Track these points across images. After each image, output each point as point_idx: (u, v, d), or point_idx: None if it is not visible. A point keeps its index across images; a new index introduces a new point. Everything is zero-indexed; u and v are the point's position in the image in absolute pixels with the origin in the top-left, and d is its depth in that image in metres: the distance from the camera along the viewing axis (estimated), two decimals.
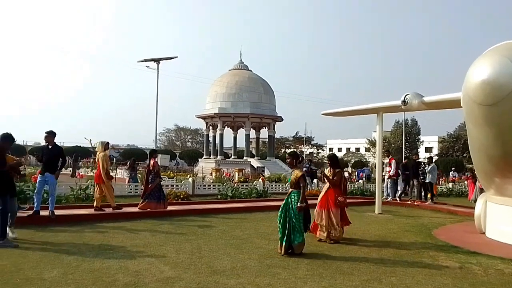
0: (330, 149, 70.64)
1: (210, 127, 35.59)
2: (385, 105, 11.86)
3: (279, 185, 18.43)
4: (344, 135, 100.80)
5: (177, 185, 15.30)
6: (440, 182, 24.92)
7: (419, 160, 16.20)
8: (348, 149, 76.62)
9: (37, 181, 8.41)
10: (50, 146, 8.43)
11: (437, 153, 56.83)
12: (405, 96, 10.40)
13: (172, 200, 12.00)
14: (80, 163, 31.43)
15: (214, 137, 35.57)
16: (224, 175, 20.72)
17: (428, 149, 61.61)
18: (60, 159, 8.52)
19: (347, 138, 79.61)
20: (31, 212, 8.26)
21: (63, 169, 9.43)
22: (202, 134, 57.17)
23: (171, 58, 14.28)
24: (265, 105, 33.72)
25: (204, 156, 37.18)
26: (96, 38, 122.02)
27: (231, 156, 39.10)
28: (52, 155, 8.38)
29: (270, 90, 35.02)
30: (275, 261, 5.79)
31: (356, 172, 29.26)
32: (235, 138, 38.73)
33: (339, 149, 76.13)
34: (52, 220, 8.21)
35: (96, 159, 10.12)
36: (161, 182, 10.94)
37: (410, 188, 15.14)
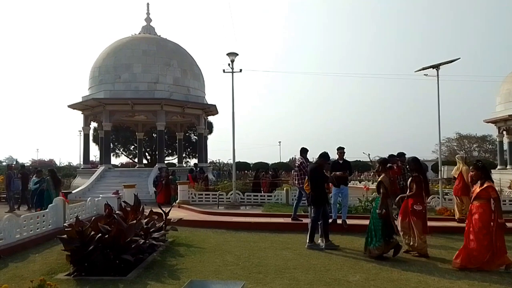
0: None
1: (504, 132, 30.17)
2: None
3: None
4: None
5: None
6: None
7: None
8: None
9: (333, 193, 9.36)
10: (340, 161, 9.33)
11: None
12: None
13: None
14: (362, 176, 33.23)
15: (510, 143, 29.95)
16: None
17: None
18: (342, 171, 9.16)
19: None
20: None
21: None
22: (492, 141, 49.57)
23: (452, 61, 12.92)
24: None
25: (499, 167, 31.70)
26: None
27: None
28: (343, 169, 9.19)
29: None
30: None
31: None
32: None
33: None
34: (344, 229, 8.96)
35: (457, 173, 10.02)
36: None
37: None
